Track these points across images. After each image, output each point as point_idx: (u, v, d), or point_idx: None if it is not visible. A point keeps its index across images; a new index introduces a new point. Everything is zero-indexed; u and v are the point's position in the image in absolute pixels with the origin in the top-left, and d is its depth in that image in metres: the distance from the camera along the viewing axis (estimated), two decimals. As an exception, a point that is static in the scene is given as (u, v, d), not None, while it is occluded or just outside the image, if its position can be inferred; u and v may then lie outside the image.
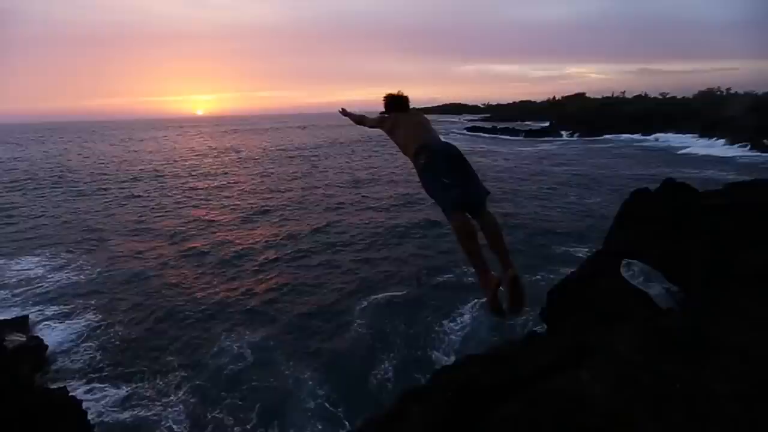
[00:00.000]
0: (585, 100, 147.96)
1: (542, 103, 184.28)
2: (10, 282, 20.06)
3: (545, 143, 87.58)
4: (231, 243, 25.71)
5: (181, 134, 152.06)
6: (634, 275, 5.00)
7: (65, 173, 53.85)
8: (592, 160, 59.46)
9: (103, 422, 11.22)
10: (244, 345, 14.49)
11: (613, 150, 72.25)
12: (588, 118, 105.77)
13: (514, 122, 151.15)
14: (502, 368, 3.82)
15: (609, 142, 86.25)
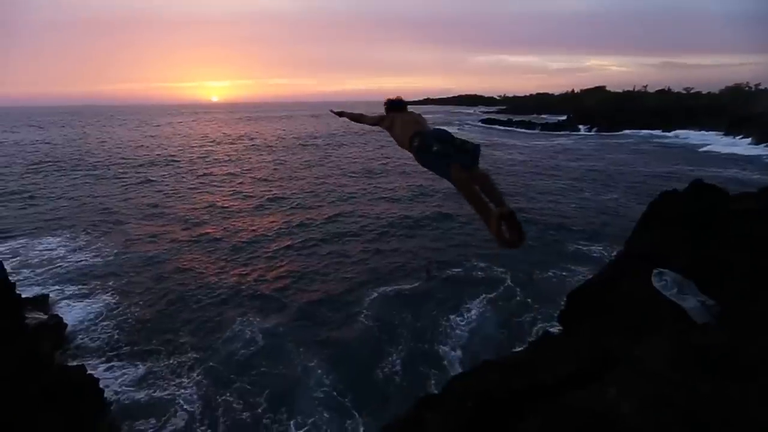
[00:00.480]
0: (604, 94, 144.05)
1: (560, 96, 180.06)
2: (32, 261, 20.69)
3: (561, 137, 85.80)
4: (244, 229, 26.04)
5: (196, 120, 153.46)
6: (667, 286, 4.59)
7: (84, 157, 54.94)
8: (610, 155, 58.08)
9: (119, 400, 11.58)
10: (255, 330, 14.74)
11: (631, 146, 70.41)
12: (607, 112, 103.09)
13: (530, 115, 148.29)
14: (520, 376, 3.69)
15: (627, 137, 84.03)
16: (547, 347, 5.42)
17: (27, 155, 56.02)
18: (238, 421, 10.74)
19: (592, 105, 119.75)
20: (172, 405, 11.47)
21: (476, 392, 3.79)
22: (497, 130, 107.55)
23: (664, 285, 4.54)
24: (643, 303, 4.75)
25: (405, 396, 11.47)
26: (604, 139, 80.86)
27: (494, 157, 56.18)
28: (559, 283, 17.94)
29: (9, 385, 6.59)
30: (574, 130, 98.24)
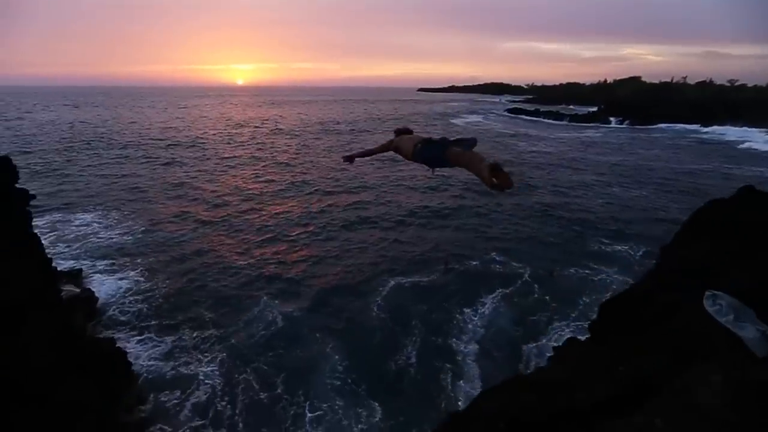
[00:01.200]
0: (639, 85, 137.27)
1: (591, 86, 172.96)
2: (68, 236, 21.76)
3: (590, 129, 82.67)
4: (266, 212, 26.54)
5: (222, 103, 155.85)
6: (722, 311, 4.11)
7: (115, 137, 56.83)
8: (641, 150, 55.66)
9: (146, 372, 12.17)
10: (275, 312, 15.14)
11: (665, 140, 67.21)
12: (641, 104, 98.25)
13: (558, 105, 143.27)
14: (556, 397, 3.53)
15: (662, 131, 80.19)
16: (579, 361, 5.18)
17: (62, 134, 58.40)
18: (256, 401, 11.12)
19: (626, 96, 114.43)
20: (194, 379, 11.98)
21: (509, 413, 3.65)
22: (523, 120, 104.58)
23: (719, 310, 4.07)
24: (688, 324, 4.30)
25: (419, 389, 11.62)
26: (636, 133, 77.45)
27: (518, 148, 54.79)
28: (580, 282, 17.54)
29: (47, 353, 7.06)
30: (604, 122, 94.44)
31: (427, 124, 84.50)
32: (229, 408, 10.95)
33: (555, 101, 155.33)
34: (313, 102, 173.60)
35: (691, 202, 29.66)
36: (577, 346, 7.19)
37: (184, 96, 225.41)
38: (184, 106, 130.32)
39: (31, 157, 40.33)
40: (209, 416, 10.71)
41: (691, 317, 4.26)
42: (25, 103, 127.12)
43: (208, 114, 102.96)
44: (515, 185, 2.94)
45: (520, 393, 3.99)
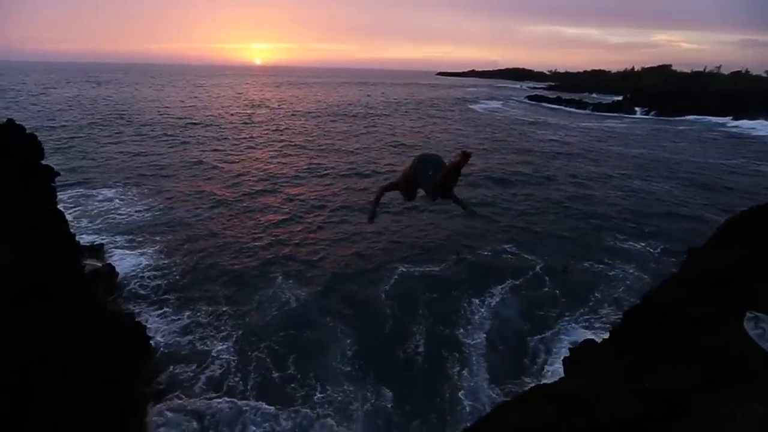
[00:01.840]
0: (669, 73, 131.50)
1: (617, 74, 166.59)
2: (90, 211, 22.46)
3: (614, 119, 80.00)
4: (282, 194, 26.80)
5: (240, 83, 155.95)
6: (764, 335, 3.82)
7: (134, 115, 57.68)
8: (666, 143, 53.71)
9: (163, 346, 12.66)
10: (287, 294, 15.46)
11: (691, 133, 64.63)
12: (669, 94, 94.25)
13: (581, 93, 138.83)
14: (578, 413, 3.43)
15: (689, 124, 76.99)
16: (599, 369, 5.01)
17: (84, 110, 59.55)
18: (268, 379, 11.47)
19: (653, 85, 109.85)
20: (209, 354, 12.42)
21: (530, 428, 3.58)
22: (544, 108, 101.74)
23: (761, 334, 3.77)
24: (723, 343, 3.99)
25: (426, 378, 11.76)
26: (661, 125, 74.62)
27: (537, 136, 53.52)
28: (593, 277, 17.29)
29: (72, 326, 7.40)
30: (629, 112, 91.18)
31: (445, 110, 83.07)
32: (242, 384, 11.33)
33: (578, 89, 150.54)
34: (330, 84, 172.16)
35: (716, 199, 28.69)
36: (594, 350, 6.99)
37: (202, 75, 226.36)
38: (203, 85, 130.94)
39: (54, 132, 41.36)
40: (223, 390, 11.12)
41: (726, 336, 3.94)
42: (49, 79, 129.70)
43: (227, 93, 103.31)
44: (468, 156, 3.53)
45: (540, 407, 3.92)
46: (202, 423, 9.95)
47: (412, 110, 79.95)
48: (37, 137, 12.43)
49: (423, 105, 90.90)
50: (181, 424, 9.78)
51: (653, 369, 4.10)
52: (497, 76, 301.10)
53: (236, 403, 10.60)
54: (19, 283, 6.11)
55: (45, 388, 5.83)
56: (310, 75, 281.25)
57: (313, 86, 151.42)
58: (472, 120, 69.08)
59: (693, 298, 5.56)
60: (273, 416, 10.24)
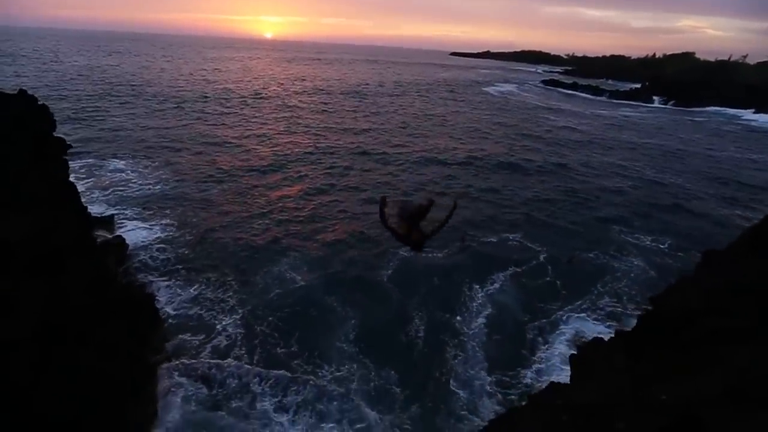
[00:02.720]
0: (691, 62, 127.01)
1: (637, 60, 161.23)
2: (101, 183, 22.77)
3: (630, 108, 77.94)
4: (291, 173, 26.77)
5: (250, 57, 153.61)
6: None
7: (145, 86, 57.36)
8: (682, 134, 52.40)
9: (171, 316, 13.05)
10: (292, 273, 15.72)
11: (710, 125, 62.89)
12: (690, 83, 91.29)
13: (598, 79, 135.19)
14: (595, 426, 3.35)
15: (709, 115, 74.80)
16: (612, 376, 4.88)
17: (95, 80, 59.37)
18: (273, 354, 11.80)
19: (674, 73, 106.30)
20: (215, 327, 12.79)
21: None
22: (559, 93, 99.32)
23: None
24: (743, 356, 3.80)
25: (426, 362, 12.00)
26: (679, 115, 72.61)
27: (550, 122, 52.46)
28: (598, 269, 17.27)
29: (85, 296, 7.67)
30: (647, 100, 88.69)
31: (458, 92, 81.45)
32: (247, 357, 11.69)
33: (596, 74, 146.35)
34: (341, 61, 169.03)
35: (729, 195, 28.18)
36: (602, 349, 6.90)
37: (212, 47, 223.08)
38: (213, 59, 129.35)
39: (65, 102, 41.42)
40: (230, 360, 11.46)
41: (750, 351, 3.73)
42: (59, 46, 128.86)
43: (237, 68, 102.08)
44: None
45: (555, 415, 3.83)
46: (210, 390, 10.38)
47: (424, 91, 78.50)
48: (48, 108, 12.55)
49: (435, 86, 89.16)
50: (190, 390, 10.21)
51: (669, 380, 3.97)
52: (512, 58, 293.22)
53: (244, 373, 10.99)
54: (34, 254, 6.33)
55: (63, 356, 6.14)
56: (321, 51, 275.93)
57: (323, 63, 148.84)
58: (485, 103, 67.75)
59: (712, 308, 5.35)
60: (282, 389, 10.60)
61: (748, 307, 4.58)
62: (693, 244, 19.89)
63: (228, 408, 9.98)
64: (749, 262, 5.71)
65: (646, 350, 5.78)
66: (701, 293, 5.89)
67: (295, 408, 10.08)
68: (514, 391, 11.16)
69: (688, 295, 6.14)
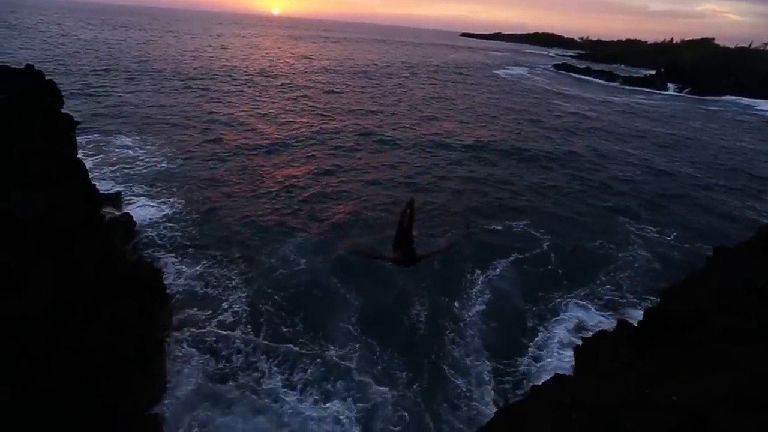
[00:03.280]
0: (710, 48, 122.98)
1: (653, 45, 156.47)
2: (108, 159, 22.85)
3: (643, 95, 76.10)
4: (298, 153, 26.66)
5: (257, 34, 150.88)
6: None
7: (151, 63, 56.72)
8: (696, 123, 51.28)
9: (178, 293, 13.31)
10: (297, 253, 15.88)
11: (725, 115, 61.41)
12: (708, 71, 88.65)
13: (612, 64, 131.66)
14: (604, 426, 3.33)
15: (725, 104, 72.91)
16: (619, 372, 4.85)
17: (100, 55, 58.78)
18: (279, 333, 12.02)
19: (692, 60, 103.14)
20: (221, 303, 13.04)
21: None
22: (571, 78, 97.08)
23: None
24: (753, 357, 3.74)
25: (428, 345, 12.16)
26: (694, 104, 70.86)
27: (560, 108, 51.47)
28: (601, 259, 17.26)
29: (94, 273, 7.84)
30: (661, 87, 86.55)
31: (467, 74, 79.84)
32: (253, 334, 11.93)
33: (610, 59, 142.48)
34: (349, 40, 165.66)
35: (741, 188, 27.75)
36: (607, 342, 6.91)
37: (218, 22, 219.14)
38: (219, 35, 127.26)
39: (71, 77, 41.15)
40: (236, 338, 11.74)
41: (765, 356, 3.60)
42: (64, 18, 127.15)
43: (244, 45, 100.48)
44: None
45: (564, 414, 3.81)
46: (218, 364, 10.69)
47: (433, 73, 77.07)
48: (56, 84, 12.53)
49: (444, 68, 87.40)
50: (198, 365, 10.53)
51: (676, 379, 3.92)
52: (524, 40, 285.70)
53: (251, 351, 11.27)
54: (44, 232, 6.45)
55: (73, 332, 6.33)
56: (328, 29, 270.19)
57: (330, 41, 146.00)
58: (495, 87, 66.46)
59: (724, 308, 5.22)
60: (289, 366, 10.89)
61: (760, 308, 4.50)
62: (701, 237, 19.77)
63: (236, 382, 10.28)
64: (763, 262, 5.63)
65: (653, 347, 5.72)
66: (713, 292, 5.74)
67: (302, 386, 10.36)
68: (513, 378, 11.34)
69: (699, 294, 5.98)
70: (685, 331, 5.43)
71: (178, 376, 10.14)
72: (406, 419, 9.85)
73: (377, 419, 9.77)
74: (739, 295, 5.31)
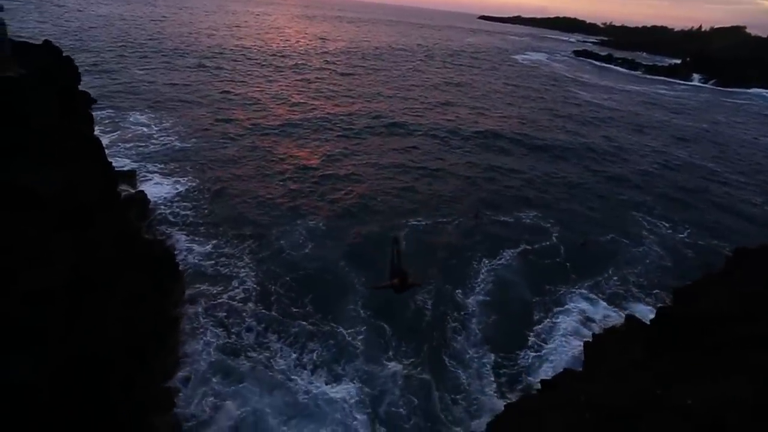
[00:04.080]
0: (741, 37, 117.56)
1: (680, 33, 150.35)
2: (125, 135, 23.17)
3: (666, 85, 73.57)
4: (310, 136, 26.60)
5: (272, 12, 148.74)
6: None
7: (164, 40, 56.48)
8: (720, 116, 49.54)
9: (190, 269, 13.63)
10: (306, 235, 16.06)
11: (752, 108, 59.16)
12: (737, 61, 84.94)
13: (635, 52, 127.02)
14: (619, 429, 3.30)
15: (752, 97, 70.08)
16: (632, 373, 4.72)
17: (115, 32, 58.67)
18: (288, 313, 12.31)
19: (721, 49, 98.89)
20: (231, 280, 13.38)
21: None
22: (591, 65, 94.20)
23: None
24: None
25: (432, 333, 12.30)
26: (719, 96, 68.35)
27: (578, 97, 50.13)
28: (611, 253, 17.08)
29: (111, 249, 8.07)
30: (685, 78, 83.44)
31: (485, 59, 77.96)
32: (264, 312, 12.23)
33: (632, 46, 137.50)
34: (363, 20, 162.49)
35: (764, 186, 26.93)
36: (617, 337, 6.79)
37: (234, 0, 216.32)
38: (234, 12, 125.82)
39: (87, 54, 41.22)
40: (247, 314, 12.04)
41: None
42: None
43: (258, 24, 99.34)
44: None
45: (579, 413, 3.76)
46: (230, 339, 11.02)
47: (449, 57, 75.47)
48: (73, 61, 12.63)
49: (461, 52, 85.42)
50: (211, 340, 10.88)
51: (691, 382, 3.88)
52: (545, 24, 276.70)
53: (262, 331, 11.56)
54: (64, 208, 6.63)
55: (91, 305, 6.58)
56: (342, 8, 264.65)
57: (344, 21, 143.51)
58: (513, 73, 64.90)
59: (743, 312, 5.06)
60: (299, 347, 11.19)
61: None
62: (717, 236, 19.38)
63: (249, 359, 10.62)
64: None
65: (667, 347, 5.59)
66: (732, 295, 5.58)
67: (312, 366, 10.67)
68: (516, 370, 11.46)
69: (717, 296, 5.81)
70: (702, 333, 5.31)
71: (191, 350, 10.50)
72: (414, 403, 10.06)
73: (384, 403, 10.00)
74: (760, 299, 5.18)
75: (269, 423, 9.11)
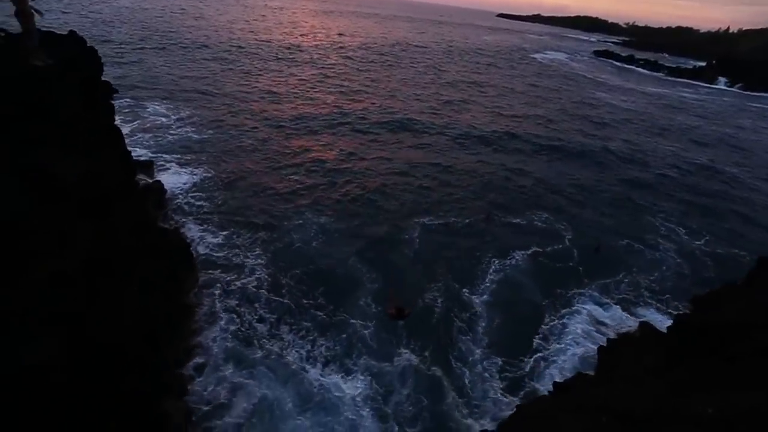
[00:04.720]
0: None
1: (706, 35, 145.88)
2: (144, 125, 23.62)
3: (689, 88, 71.56)
4: (326, 132, 26.69)
5: (289, 7, 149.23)
6: None
7: (183, 33, 57.17)
8: (746, 122, 47.99)
9: (203, 258, 13.90)
10: (317, 230, 16.21)
11: (779, 114, 57.12)
12: (764, 64, 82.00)
13: (658, 53, 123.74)
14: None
15: (780, 102, 67.76)
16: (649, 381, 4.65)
17: (136, 24, 59.67)
18: (300, 305, 12.48)
19: (749, 52, 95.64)
20: (243, 270, 13.60)
21: None
22: (612, 66, 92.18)
23: None
24: None
25: (440, 329, 12.34)
26: (744, 100, 66.22)
27: (597, 99, 49.14)
28: (626, 259, 16.77)
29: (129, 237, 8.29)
30: (710, 81, 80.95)
31: (503, 59, 76.94)
32: (276, 303, 12.41)
33: (656, 47, 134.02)
34: (380, 16, 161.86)
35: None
36: (632, 343, 6.67)
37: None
38: (251, 6, 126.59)
39: (109, 45, 42.05)
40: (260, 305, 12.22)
41: None
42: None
43: (275, 18, 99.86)
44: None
45: (595, 418, 3.70)
46: (242, 329, 11.21)
47: (466, 55, 74.73)
48: (97, 51, 12.87)
49: (479, 51, 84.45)
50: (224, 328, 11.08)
51: (711, 391, 3.84)
52: (565, 24, 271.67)
53: (275, 322, 11.74)
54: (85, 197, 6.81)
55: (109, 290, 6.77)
56: (360, 4, 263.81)
57: (360, 16, 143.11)
58: (531, 73, 63.93)
59: (767, 321, 4.95)
60: (311, 340, 11.34)
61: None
62: (737, 245, 18.86)
63: (262, 349, 10.80)
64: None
65: (685, 355, 5.49)
66: (756, 306, 5.42)
67: (323, 360, 10.81)
68: (525, 371, 11.39)
69: (739, 306, 5.66)
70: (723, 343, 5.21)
71: (204, 338, 10.71)
72: (423, 402, 10.10)
73: (393, 400, 10.07)
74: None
75: (284, 412, 9.26)
